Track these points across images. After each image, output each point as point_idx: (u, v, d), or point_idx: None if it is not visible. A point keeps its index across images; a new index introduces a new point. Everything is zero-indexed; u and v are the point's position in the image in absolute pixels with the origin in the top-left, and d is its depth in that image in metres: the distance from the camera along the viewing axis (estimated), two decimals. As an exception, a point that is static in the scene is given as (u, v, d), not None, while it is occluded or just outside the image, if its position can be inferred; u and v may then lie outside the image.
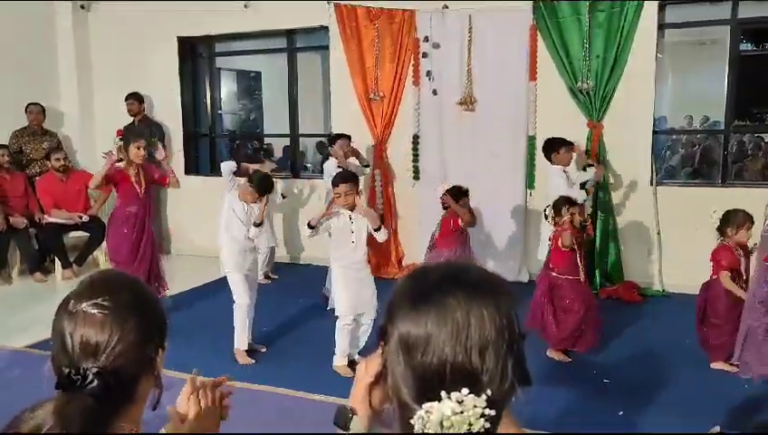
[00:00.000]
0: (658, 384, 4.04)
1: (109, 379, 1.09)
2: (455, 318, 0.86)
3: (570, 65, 6.00)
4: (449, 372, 0.84)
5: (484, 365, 0.85)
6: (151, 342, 1.19)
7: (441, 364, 0.84)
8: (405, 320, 0.89)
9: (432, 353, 0.85)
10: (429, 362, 0.85)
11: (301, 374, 4.18)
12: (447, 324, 0.86)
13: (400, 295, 0.93)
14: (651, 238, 6.04)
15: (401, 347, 0.88)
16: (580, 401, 3.86)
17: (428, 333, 0.86)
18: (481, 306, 0.87)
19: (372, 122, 6.73)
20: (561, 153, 5.31)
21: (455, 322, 0.86)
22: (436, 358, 0.85)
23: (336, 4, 6.72)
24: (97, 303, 1.13)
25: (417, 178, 6.72)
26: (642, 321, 5.22)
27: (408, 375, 0.87)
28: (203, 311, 5.53)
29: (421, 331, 0.87)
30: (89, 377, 1.07)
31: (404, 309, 0.90)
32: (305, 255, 7.23)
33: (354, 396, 1.12)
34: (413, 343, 0.87)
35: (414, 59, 6.54)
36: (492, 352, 0.85)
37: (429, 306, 0.88)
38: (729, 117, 6.15)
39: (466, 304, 0.87)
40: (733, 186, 6.15)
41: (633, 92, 5.90)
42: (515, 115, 6.26)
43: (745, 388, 3.93)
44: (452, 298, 0.88)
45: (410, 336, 0.87)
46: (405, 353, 0.88)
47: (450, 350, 0.85)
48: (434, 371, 0.85)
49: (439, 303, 0.88)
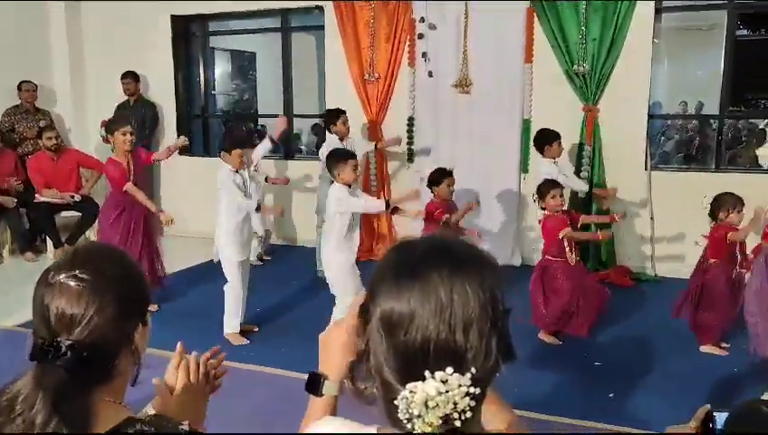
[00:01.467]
0: (649, 367, 4.07)
1: (82, 352, 1.07)
2: (437, 294, 0.84)
3: (566, 48, 5.97)
4: (433, 351, 0.82)
5: (468, 343, 0.83)
6: (131, 317, 1.17)
7: (425, 342, 0.83)
8: (387, 296, 0.87)
9: (415, 331, 0.83)
10: (412, 341, 0.83)
11: (294, 355, 4.17)
12: (431, 301, 0.84)
13: (383, 271, 0.91)
14: (644, 223, 6.06)
15: (383, 325, 0.86)
16: (571, 384, 3.89)
17: (411, 310, 0.84)
18: (465, 282, 0.85)
19: (367, 104, 6.69)
20: (553, 147, 5.29)
21: (438, 298, 0.84)
22: (420, 336, 0.83)
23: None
24: (75, 275, 1.12)
25: (412, 160, 6.70)
26: (634, 305, 5.24)
27: (390, 354, 0.85)
28: (196, 291, 5.52)
29: (404, 307, 0.85)
30: (62, 349, 1.06)
31: (386, 285, 0.88)
32: (299, 237, 7.22)
33: (324, 360, 1.13)
34: (396, 320, 0.85)
35: (410, 40, 6.48)
36: (476, 329, 0.84)
37: (413, 282, 0.86)
38: (724, 102, 6.14)
39: (450, 280, 0.85)
40: (726, 171, 6.16)
41: (629, 76, 5.88)
42: (511, 98, 6.23)
43: (735, 371, 3.97)
44: (436, 273, 0.85)
45: (393, 313, 0.85)
46: (387, 331, 0.86)
47: (434, 327, 0.83)
48: (417, 349, 0.83)
49: (423, 278, 0.86)
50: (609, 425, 3.33)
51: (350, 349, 1.05)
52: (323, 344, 1.13)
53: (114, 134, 4.81)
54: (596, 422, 3.36)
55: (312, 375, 1.12)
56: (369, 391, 0.91)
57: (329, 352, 1.12)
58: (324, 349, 1.13)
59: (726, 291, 4.13)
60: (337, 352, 1.10)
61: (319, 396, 1.11)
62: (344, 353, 1.08)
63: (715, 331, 4.22)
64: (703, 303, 4.22)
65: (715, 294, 4.16)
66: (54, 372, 1.05)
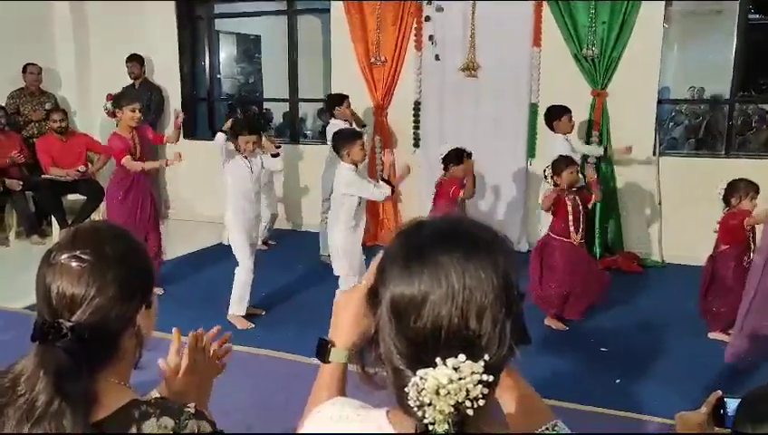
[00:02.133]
0: (656, 353, 4.06)
1: (83, 334, 1.06)
2: (449, 278, 0.81)
3: (575, 32, 5.89)
4: (444, 337, 0.80)
5: (481, 329, 0.80)
6: (134, 298, 1.15)
7: (436, 329, 0.80)
8: (397, 281, 0.84)
9: (426, 317, 0.80)
10: (423, 327, 0.80)
11: (298, 338, 4.17)
12: (442, 286, 0.81)
13: (393, 254, 0.88)
14: (652, 209, 6.01)
15: (393, 310, 0.83)
16: (578, 369, 3.87)
17: (422, 296, 0.81)
18: (478, 266, 0.82)
19: (373, 87, 6.64)
20: (563, 121, 5.26)
21: (450, 283, 0.81)
22: (431, 322, 0.80)
23: (337, -34, 6.58)
24: (76, 255, 1.10)
25: (418, 145, 6.65)
26: (641, 291, 5.22)
27: (400, 340, 0.82)
28: (201, 275, 5.52)
29: (414, 292, 0.82)
30: (63, 330, 1.05)
31: (396, 269, 0.85)
32: (305, 222, 7.21)
33: (334, 327, 1.12)
34: (406, 305, 0.82)
35: (417, 23, 6.42)
36: (489, 315, 0.81)
37: (423, 266, 0.82)
38: (735, 87, 6.07)
39: (462, 264, 0.82)
40: (737, 157, 6.10)
41: (639, 61, 5.81)
42: (518, 82, 6.17)
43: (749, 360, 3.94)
44: (447, 257, 0.82)
45: (403, 298, 0.82)
46: (397, 317, 0.83)
47: (446, 313, 0.80)
48: (428, 335, 0.80)
49: (433, 262, 0.82)
50: (616, 410, 3.33)
51: (360, 319, 1.06)
52: (335, 311, 1.13)
53: (123, 109, 4.79)
54: (602, 407, 3.35)
55: (321, 342, 1.12)
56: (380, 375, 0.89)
57: (339, 319, 1.11)
58: (335, 316, 1.12)
59: (737, 278, 4.09)
60: (347, 320, 1.09)
61: (326, 363, 1.11)
62: (354, 322, 1.08)
63: (723, 318, 4.20)
64: (713, 289, 4.20)
65: (725, 280, 4.13)
66: (55, 352, 1.04)
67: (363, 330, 1.06)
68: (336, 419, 0.94)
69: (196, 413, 1.10)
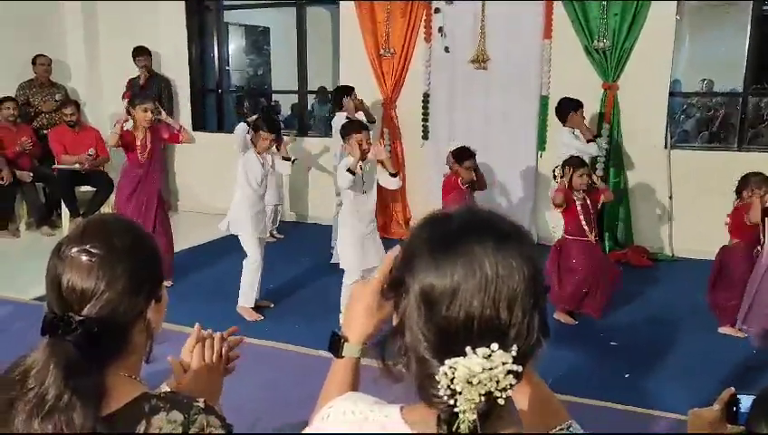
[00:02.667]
0: (666, 348, 4.03)
1: (93, 327, 1.05)
2: (483, 268, 0.80)
3: (586, 23, 5.84)
4: (477, 327, 0.79)
5: (512, 319, 0.80)
6: (143, 291, 1.14)
7: (468, 318, 0.79)
8: (427, 270, 0.83)
9: (459, 307, 0.80)
10: (455, 317, 0.80)
11: (306, 331, 4.18)
12: (476, 275, 0.80)
13: (420, 242, 0.87)
14: (663, 202, 5.97)
15: (423, 300, 0.82)
16: (587, 363, 3.86)
17: (455, 285, 0.80)
18: (509, 256, 0.82)
19: (382, 80, 6.61)
20: (575, 115, 5.20)
21: (483, 272, 0.80)
22: (463, 312, 0.79)
23: (347, -43, 6.54)
24: (86, 249, 1.09)
25: (427, 137, 6.63)
26: (651, 285, 5.19)
27: (429, 330, 0.82)
28: (210, 267, 5.53)
29: (446, 282, 0.81)
30: (72, 324, 1.04)
31: (425, 258, 0.84)
32: (311, 214, 7.20)
33: (347, 321, 1.11)
34: (437, 295, 0.81)
35: (426, 14, 6.38)
36: (520, 305, 0.81)
37: (455, 256, 0.82)
38: (748, 80, 6.00)
39: (495, 254, 0.81)
40: (749, 150, 6.04)
41: (650, 53, 5.75)
42: (528, 74, 6.13)
43: (753, 353, 3.92)
44: (479, 247, 0.82)
45: (434, 289, 0.82)
46: (427, 307, 0.82)
47: (478, 303, 0.79)
48: (460, 325, 0.80)
49: (466, 251, 0.82)
50: (625, 405, 3.31)
51: (374, 312, 1.06)
52: (348, 306, 1.12)
53: (136, 108, 4.86)
54: (612, 402, 3.33)
55: (333, 336, 1.11)
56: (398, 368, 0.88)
57: (352, 313, 1.10)
58: (348, 310, 1.12)
59: (746, 272, 4.06)
60: (360, 314, 1.08)
61: (339, 357, 1.10)
62: (367, 316, 1.07)
63: (732, 312, 4.17)
64: (722, 283, 4.17)
65: (735, 274, 4.10)
66: (65, 346, 1.03)
67: (376, 324, 1.06)
68: (349, 414, 0.92)
69: (206, 408, 1.10)
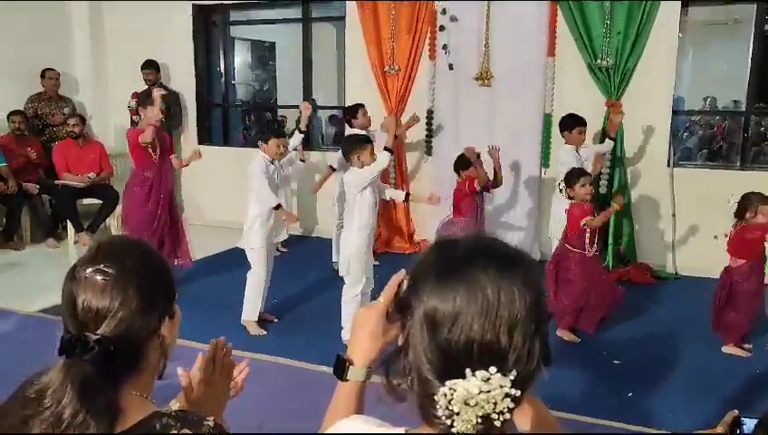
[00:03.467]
0: (669, 367, 4.02)
1: (109, 346, 1.07)
2: (485, 294, 0.83)
3: (590, 41, 5.89)
4: (476, 351, 0.82)
5: (512, 344, 0.82)
6: (157, 309, 1.17)
7: (469, 342, 0.82)
8: (432, 293, 0.86)
9: (460, 331, 0.82)
10: (456, 340, 0.82)
11: (310, 346, 4.18)
12: (478, 301, 0.83)
13: (427, 266, 0.90)
14: (666, 220, 5.98)
15: (426, 322, 0.85)
16: (590, 382, 3.85)
17: (457, 309, 0.83)
18: (512, 283, 0.84)
19: (387, 96, 6.66)
20: (573, 133, 5.20)
21: (485, 298, 0.83)
22: (464, 335, 0.82)
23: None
24: (100, 269, 1.12)
25: (430, 153, 6.66)
26: (654, 303, 5.18)
27: (432, 351, 0.84)
28: (217, 280, 5.54)
29: (449, 306, 0.84)
30: (89, 344, 1.06)
31: (431, 282, 0.87)
32: (318, 228, 7.23)
33: (352, 344, 1.11)
34: (440, 318, 0.84)
35: (431, 32, 6.43)
36: (521, 330, 0.83)
37: (459, 280, 0.85)
38: (751, 99, 6.03)
39: (497, 280, 0.84)
40: (752, 169, 6.05)
41: (653, 71, 5.79)
42: (532, 92, 6.16)
43: (757, 372, 3.91)
44: (482, 273, 0.85)
45: (437, 311, 0.84)
46: (430, 329, 0.85)
47: (479, 327, 0.82)
48: (460, 348, 0.82)
49: (469, 277, 0.85)
50: (628, 425, 3.30)
51: (379, 335, 1.07)
52: (353, 329, 1.12)
53: (147, 107, 4.81)
54: (614, 422, 3.32)
55: (338, 359, 1.12)
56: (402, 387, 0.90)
57: (357, 336, 1.10)
58: (353, 334, 1.12)
59: (751, 291, 4.06)
60: (365, 339, 1.09)
61: (344, 381, 1.10)
62: (372, 340, 1.07)
63: (737, 331, 4.16)
64: (727, 302, 4.16)
65: (740, 293, 4.09)
66: (82, 366, 1.05)
67: (381, 348, 1.07)
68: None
69: (215, 426, 1.11)
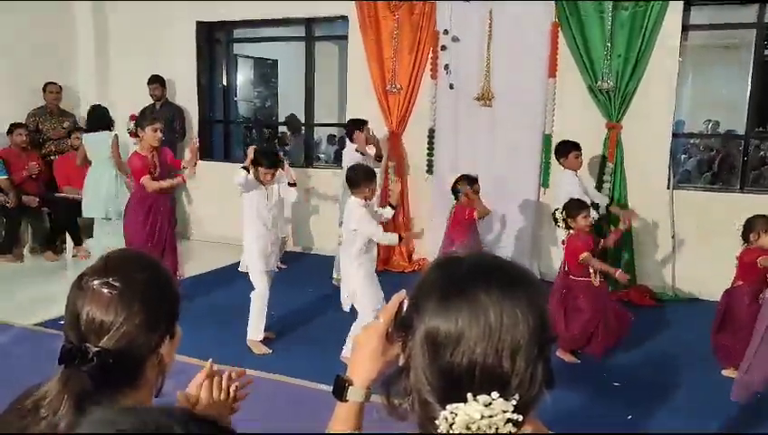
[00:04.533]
0: (669, 389, 4.00)
1: (108, 359, 1.07)
2: (488, 317, 0.81)
3: (590, 64, 5.93)
4: (479, 374, 0.80)
5: (514, 368, 0.81)
6: (159, 327, 1.17)
7: (471, 365, 0.80)
8: (433, 314, 0.84)
9: (462, 354, 0.81)
10: (458, 363, 0.81)
11: (308, 364, 4.16)
12: (480, 323, 0.81)
13: (429, 286, 0.88)
14: (666, 243, 5.97)
15: (428, 343, 0.84)
16: (590, 404, 3.82)
17: (459, 331, 0.81)
18: (515, 305, 0.83)
19: (388, 114, 6.69)
20: (570, 158, 5.21)
21: (487, 321, 0.81)
22: (466, 359, 0.80)
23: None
24: (107, 282, 1.12)
25: (431, 172, 6.68)
26: (654, 325, 5.16)
27: (432, 374, 0.82)
28: (215, 295, 5.52)
29: (451, 327, 0.82)
30: (89, 355, 1.06)
31: (433, 302, 0.85)
32: (316, 245, 7.22)
33: (352, 364, 1.10)
34: (442, 339, 0.82)
35: (432, 51, 6.48)
36: (523, 355, 0.81)
37: (461, 301, 0.83)
38: (750, 122, 6.06)
39: (500, 302, 0.82)
40: (751, 192, 6.07)
41: (653, 94, 5.82)
42: (533, 112, 6.19)
43: (758, 396, 3.88)
44: (485, 294, 0.83)
45: (439, 333, 0.83)
46: (431, 350, 0.83)
47: (481, 351, 0.80)
48: (462, 371, 0.80)
49: (472, 298, 0.83)
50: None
51: (378, 356, 1.05)
52: (353, 348, 1.11)
53: (145, 129, 4.85)
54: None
55: (338, 380, 1.10)
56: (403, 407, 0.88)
57: (357, 356, 1.09)
58: (354, 354, 1.10)
59: (751, 315, 4.04)
60: (366, 358, 1.07)
61: (343, 401, 1.08)
62: (372, 360, 1.06)
63: (736, 355, 4.14)
64: (726, 325, 4.15)
65: (739, 317, 4.08)
66: (80, 377, 1.05)
67: (381, 368, 1.05)
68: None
69: None
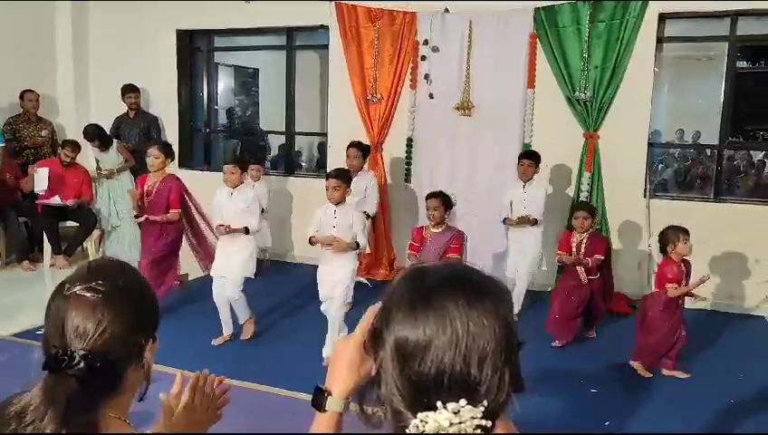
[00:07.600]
0: (646, 395, 4.05)
1: (96, 362, 1.07)
2: (454, 325, 0.83)
3: (568, 75, 6.02)
4: (447, 382, 0.81)
5: (482, 376, 0.82)
6: (143, 331, 1.18)
7: (439, 373, 0.82)
8: (402, 324, 0.86)
9: (430, 362, 0.82)
10: (427, 371, 0.82)
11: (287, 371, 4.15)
12: (447, 332, 0.83)
13: (398, 297, 0.90)
14: (643, 250, 6.06)
15: (397, 353, 0.85)
16: (567, 410, 3.86)
17: (427, 341, 0.83)
18: (481, 314, 0.84)
19: (369, 123, 6.72)
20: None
21: (454, 330, 0.83)
22: (434, 367, 0.82)
23: (337, 3, 6.71)
24: (90, 286, 1.12)
25: (409, 180, 6.71)
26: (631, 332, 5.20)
27: (403, 383, 0.84)
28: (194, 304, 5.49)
29: (419, 336, 0.83)
30: (75, 359, 1.06)
31: (401, 312, 0.87)
32: (294, 253, 7.20)
33: (331, 374, 1.10)
34: (411, 349, 0.84)
35: (413, 61, 6.53)
36: (490, 362, 0.83)
37: (428, 311, 0.84)
38: (724, 133, 6.18)
39: (467, 311, 0.84)
40: (724, 201, 6.18)
41: (630, 104, 5.92)
42: (512, 122, 6.26)
43: (731, 402, 3.95)
44: (452, 304, 0.84)
45: (408, 343, 0.84)
46: (401, 360, 0.84)
47: (449, 359, 0.82)
48: (431, 380, 0.82)
49: (439, 307, 0.84)
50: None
51: (356, 366, 1.05)
52: (332, 360, 1.12)
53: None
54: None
55: (317, 390, 1.11)
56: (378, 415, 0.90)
57: (335, 366, 1.09)
58: (332, 364, 1.11)
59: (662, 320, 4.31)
60: (343, 369, 1.07)
61: (322, 412, 1.09)
62: (350, 370, 1.06)
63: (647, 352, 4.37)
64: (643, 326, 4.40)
65: (653, 320, 4.34)
66: (66, 382, 1.05)
67: (359, 378, 1.06)
68: None
69: None
